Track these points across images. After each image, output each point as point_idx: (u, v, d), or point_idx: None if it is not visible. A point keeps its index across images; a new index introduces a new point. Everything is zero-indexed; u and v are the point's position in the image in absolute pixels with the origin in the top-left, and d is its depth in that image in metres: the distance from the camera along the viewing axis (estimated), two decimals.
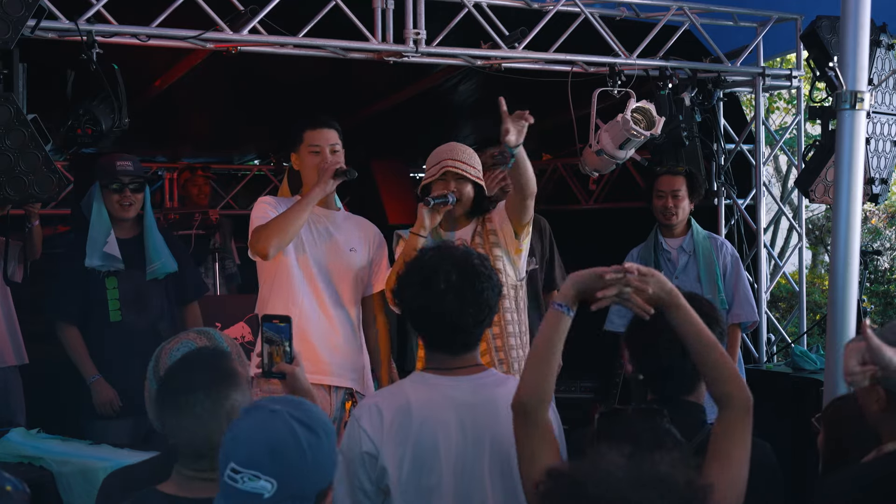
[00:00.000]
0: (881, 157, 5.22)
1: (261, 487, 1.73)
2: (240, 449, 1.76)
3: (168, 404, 2.06)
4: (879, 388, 2.28)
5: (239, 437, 1.79)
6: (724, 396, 2.15)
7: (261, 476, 1.73)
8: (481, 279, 2.39)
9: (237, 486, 1.74)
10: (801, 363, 5.42)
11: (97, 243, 4.55)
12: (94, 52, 4.03)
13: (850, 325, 3.63)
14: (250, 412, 1.83)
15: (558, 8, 5.02)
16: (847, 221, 3.62)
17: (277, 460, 1.75)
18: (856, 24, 3.54)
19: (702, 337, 2.16)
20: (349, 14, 4.54)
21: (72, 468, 3.68)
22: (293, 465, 1.76)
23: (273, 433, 1.77)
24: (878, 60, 5.07)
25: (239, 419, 1.83)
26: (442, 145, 3.93)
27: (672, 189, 4.93)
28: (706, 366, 2.17)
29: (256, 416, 1.80)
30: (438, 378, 2.43)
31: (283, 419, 1.78)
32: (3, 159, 3.77)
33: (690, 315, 2.17)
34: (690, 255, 4.97)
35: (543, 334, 2.22)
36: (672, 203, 4.93)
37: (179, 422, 2.03)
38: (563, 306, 2.19)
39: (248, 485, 1.73)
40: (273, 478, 1.74)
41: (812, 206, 10.52)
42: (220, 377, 2.08)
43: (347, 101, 6.47)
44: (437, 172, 3.81)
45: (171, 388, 2.08)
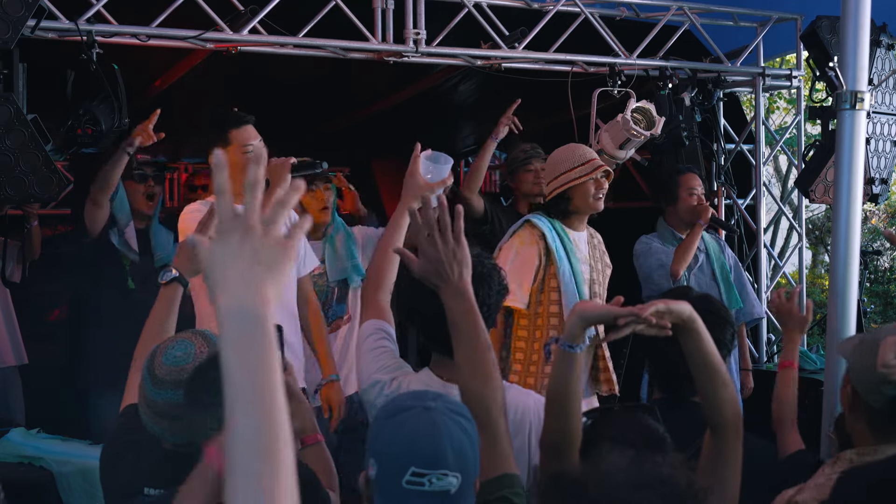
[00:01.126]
0: (881, 157, 5.22)
1: (448, 484, 1.76)
2: (420, 451, 1.76)
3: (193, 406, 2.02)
4: (849, 387, 2.25)
5: (409, 440, 1.78)
6: (719, 424, 2.14)
7: (448, 473, 1.76)
8: (479, 277, 2.35)
9: (424, 488, 1.75)
10: (801, 363, 5.41)
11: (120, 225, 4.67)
12: (94, 52, 4.04)
13: (850, 325, 3.62)
14: (405, 413, 1.82)
15: (558, 8, 5.02)
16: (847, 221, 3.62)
17: (458, 454, 1.78)
18: (856, 24, 3.54)
19: (712, 362, 2.12)
20: (349, 14, 4.54)
21: (72, 468, 3.68)
22: (469, 455, 1.81)
23: (448, 429, 1.79)
24: (878, 60, 5.07)
25: (391, 422, 1.82)
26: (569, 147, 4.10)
27: (700, 187, 5.01)
28: (708, 391, 2.14)
29: (419, 417, 1.80)
30: (438, 383, 2.39)
31: (445, 414, 1.81)
32: (3, 159, 3.77)
33: (705, 341, 2.11)
34: (703, 252, 4.99)
35: (557, 379, 2.13)
36: (699, 200, 4.99)
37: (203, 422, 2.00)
38: (574, 347, 2.11)
39: (437, 484, 1.76)
40: (458, 472, 1.77)
41: (812, 206, 10.52)
42: None
43: (347, 101, 6.47)
44: (591, 172, 3.94)
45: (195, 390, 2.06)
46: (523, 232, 3.98)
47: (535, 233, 3.95)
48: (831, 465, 2.23)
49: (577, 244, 4.03)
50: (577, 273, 3.96)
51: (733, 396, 2.16)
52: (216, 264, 1.18)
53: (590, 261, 4.06)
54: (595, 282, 4.06)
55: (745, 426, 2.24)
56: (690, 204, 4.96)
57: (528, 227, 3.97)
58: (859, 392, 2.19)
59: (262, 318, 1.15)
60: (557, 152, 4.08)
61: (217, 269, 1.18)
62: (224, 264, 1.17)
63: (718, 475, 2.07)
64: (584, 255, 4.04)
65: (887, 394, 2.13)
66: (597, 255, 4.12)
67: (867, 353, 2.19)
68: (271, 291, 1.18)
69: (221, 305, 1.16)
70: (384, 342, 2.51)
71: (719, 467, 2.08)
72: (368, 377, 2.44)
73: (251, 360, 1.14)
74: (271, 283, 1.18)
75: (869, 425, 2.20)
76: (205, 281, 1.21)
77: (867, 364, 2.18)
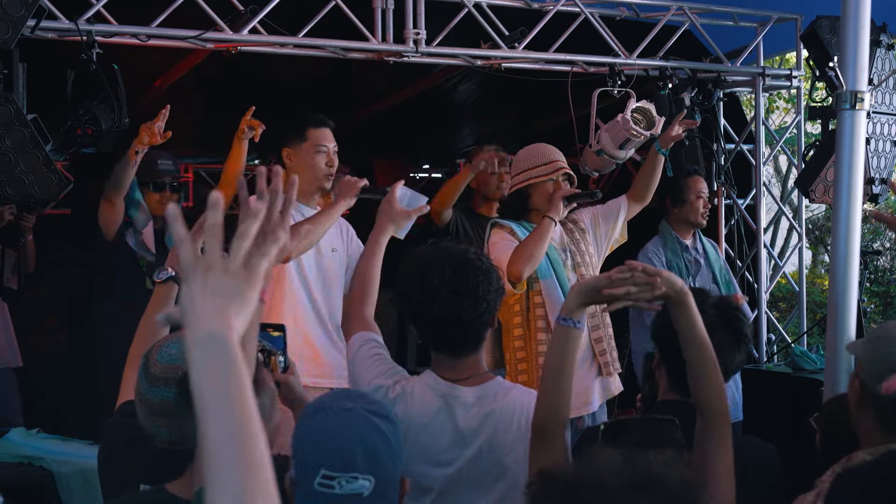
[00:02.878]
0: (881, 157, 5.22)
1: (360, 487, 1.72)
2: (330, 453, 1.74)
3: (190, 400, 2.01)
4: (857, 381, 2.26)
5: (323, 440, 1.76)
6: (705, 404, 2.13)
7: (359, 476, 1.72)
8: (476, 274, 2.36)
9: (334, 491, 1.72)
10: (801, 363, 5.42)
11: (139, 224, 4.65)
12: (94, 52, 4.03)
13: (850, 325, 3.63)
14: (321, 414, 1.79)
15: (558, 8, 5.01)
16: (847, 221, 3.62)
17: (371, 457, 1.74)
18: (856, 24, 3.54)
19: (702, 340, 2.13)
20: (349, 14, 4.53)
21: (72, 468, 3.68)
22: (384, 458, 1.76)
23: (360, 431, 1.76)
24: (878, 60, 5.07)
25: (309, 423, 1.79)
26: (537, 146, 4.17)
27: (705, 190, 5.08)
28: (697, 369, 2.14)
29: (334, 418, 1.77)
30: (444, 385, 2.40)
31: (362, 415, 1.78)
32: (3, 159, 3.76)
33: (695, 317, 2.13)
34: (704, 256, 5.04)
35: (554, 351, 2.17)
36: (705, 204, 5.06)
37: None
38: (569, 320, 2.13)
39: (347, 487, 1.72)
40: (370, 475, 1.73)
41: (812, 206, 10.52)
42: None
43: (347, 101, 6.47)
44: (551, 173, 4.04)
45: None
46: (495, 233, 4.10)
47: (504, 230, 4.08)
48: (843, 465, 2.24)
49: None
50: (555, 261, 4.05)
51: (723, 383, 2.16)
52: (186, 304, 1.26)
53: (569, 245, 4.14)
54: (581, 265, 4.13)
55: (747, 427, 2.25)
56: (695, 206, 5.01)
57: (497, 228, 4.12)
58: (867, 384, 2.21)
59: (227, 340, 1.22)
60: (523, 150, 4.21)
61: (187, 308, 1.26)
62: (192, 302, 1.26)
63: (713, 467, 2.07)
64: (558, 242, 4.12)
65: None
66: (576, 237, 4.18)
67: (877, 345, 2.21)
68: (236, 319, 1.25)
69: (189, 339, 1.23)
70: (378, 350, 2.53)
71: (713, 459, 2.08)
72: (369, 382, 2.44)
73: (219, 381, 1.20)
74: (235, 311, 1.26)
75: (877, 419, 2.22)
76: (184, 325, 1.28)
77: (876, 355, 2.20)
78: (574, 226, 4.20)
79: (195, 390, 1.21)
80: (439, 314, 2.36)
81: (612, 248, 4.37)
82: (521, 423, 2.35)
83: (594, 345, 4.10)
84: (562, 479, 1.30)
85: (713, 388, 2.12)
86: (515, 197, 4.12)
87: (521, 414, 2.36)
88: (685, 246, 5.06)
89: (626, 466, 1.28)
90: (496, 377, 2.51)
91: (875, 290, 10.34)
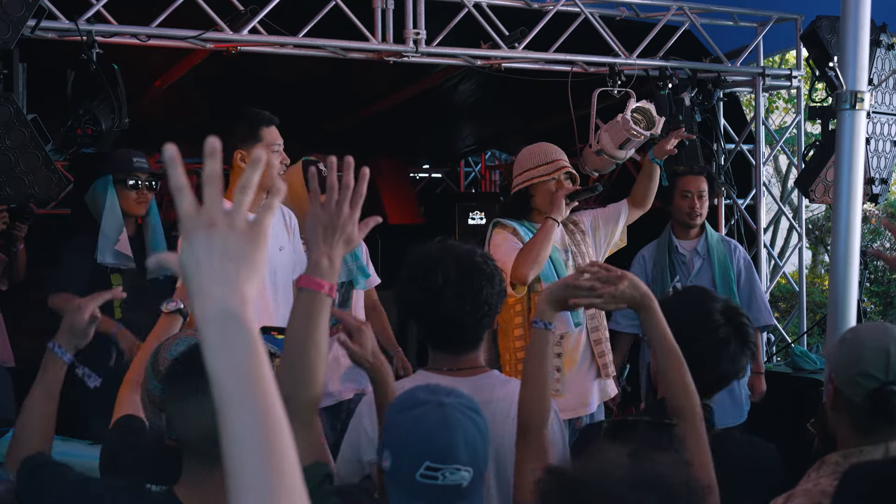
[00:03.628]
0: (881, 157, 5.22)
1: (460, 478, 1.82)
2: (433, 446, 1.81)
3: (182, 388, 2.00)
4: (831, 386, 2.25)
5: (424, 435, 1.82)
6: (677, 407, 2.17)
7: (461, 468, 1.81)
8: (481, 277, 2.38)
9: (437, 482, 1.80)
10: (801, 363, 5.42)
11: (109, 240, 4.43)
12: (94, 52, 4.03)
13: (850, 325, 3.63)
14: (419, 408, 1.86)
15: (558, 8, 5.02)
16: (847, 221, 3.62)
17: (470, 449, 1.83)
18: (856, 24, 3.54)
19: (667, 344, 2.19)
20: (349, 14, 4.54)
21: None
22: (480, 449, 1.86)
23: (460, 426, 1.83)
24: (878, 60, 5.07)
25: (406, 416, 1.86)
26: (539, 146, 4.14)
27: (698, 189, 4.93)
28: (673, 375, 2.19)
29: (433, 413, 1.84)
30: (439, 377, 2.42)
31: (458, 410, 1.86)
32: (3, 159, 3.77)
33: (660, 322, 2.19)
34: (705, 258, 4.94)
35: (532, 354, 2.26)
36: (698, 203, 4.93)
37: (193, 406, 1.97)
38: (541, 322, 2.24)
39: (450, 479, 1.81)
40: (469, 466, 1.82)
41: (812, 206, 10.52)
42: None
43: (347, 101, 6.47)
44: (553, 172, 4.02)
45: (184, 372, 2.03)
46: (497, 233, 4.04)
47: (507, 230, 4.04)
48: (816, 469, 2.23)
49: None
50: (557, 262, 4.04)
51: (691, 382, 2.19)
52: (188, 267, 1.15)
53: (570, 246, 4.14)
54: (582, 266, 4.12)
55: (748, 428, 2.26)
56: (682, 206, 4.93)
57: (500, 228, 4.06)
58: (840, 388, 2.20)
59: (243, 317, 1.12)
60: (525, 150, 4.18)
61: (190, 272, 1.14)
62: (197, 264, 1.14)
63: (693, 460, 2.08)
64: (560, 242, 4.11)
65: (866, 386, 2.14)
66: (577, 238, 4.18)
67: (847, 349, 2.21)
68: (248, 289, 1.14)
69: (199, 311, 1.13)
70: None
71: (694, 452, 2.09)
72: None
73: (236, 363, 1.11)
74: (247, 280, 1.14)
75: (851, 423, 2.20)
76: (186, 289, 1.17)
77: (847, 359, 2.20)
78: (575, 227, 4.20)
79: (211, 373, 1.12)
80: (441, 314, 2.37)
81: (610, 252, 4.35)
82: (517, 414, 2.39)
83: (593, 346, 4.09)
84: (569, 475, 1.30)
85: (683, 389, 2.18)
86: (517, 197, 4.10)
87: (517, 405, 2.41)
88: (675, 246, 4.99)
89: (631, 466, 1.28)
90: (492, 370, 2.53)
91: (875, 290, 10.34)
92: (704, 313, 2.41)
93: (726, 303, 2.49)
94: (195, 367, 2.03)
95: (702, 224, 5.02)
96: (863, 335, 2.25)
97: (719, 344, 2.38)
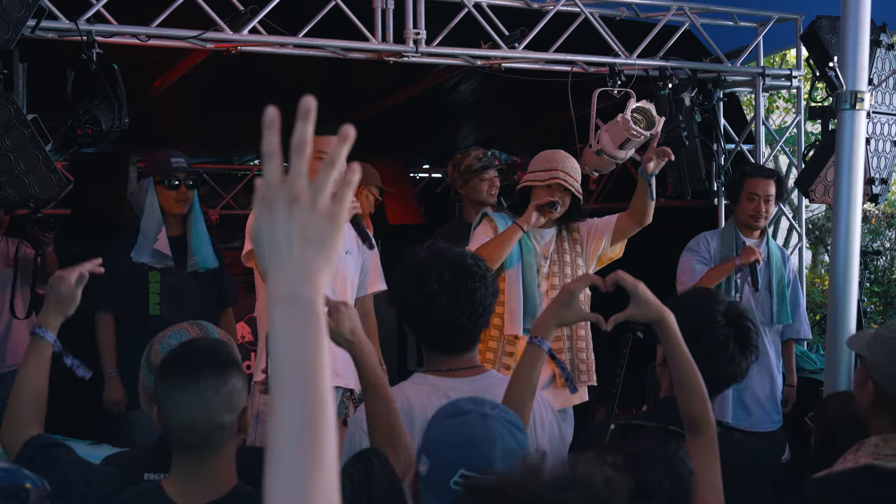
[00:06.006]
0: (881, 157, 5.22)
1: None
2: (472, 456, 1.81)
3: (173, 380, 2.04)
4: (870, 383, 2.30)
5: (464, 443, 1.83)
6: (695, 419, 2.18)
7: None
8: (474, 279, 2.41)
9: None
10: (801, 363, 5.42)
11: (148, 239, 4.58)
12: (94, 52, 4.03)
13: (850, 325, 3.63)
14: (462, 416, 1.87)
15: (558, 8, 5.01)
16: (847, 221, 3.63)
17: (508, 461, 1.83)
18: (856, 24, 3.55)
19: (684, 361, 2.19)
20: (349, 14, 4.53)
21: None
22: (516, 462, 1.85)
23: (501, 438, 1.84)
24: (878, 60, 5.07)
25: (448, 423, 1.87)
26: (549, 151, 4.20)
27: (766, 193, 4.89)
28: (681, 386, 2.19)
29: (476, 423, 1.85)
30: (438, 379, 2.43)
31: (500, 423, 1.87)
32: (3, 159, 3.77)
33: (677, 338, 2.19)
34: (765, 260, 4.90)
35: (524, 369, 2.28)
36: (764, 207, 4.89)
37: (182, 398, 2.00)
38: (543, 342, 2.26)
39: None
40: None
41: (812, 206, 10.51)
42: (223, 360, 2.08)
43: (347, 101, 6.47)
44: (547, 180, 4.07)
45: (176, 365, 2.07)
46: (481, 225, 4.20)
47: (490, 224, 4.15)
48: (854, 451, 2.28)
49: (538, 239, 4.17)
50: (528, 266, 4.10)
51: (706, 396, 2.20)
52: (265, 238, 1.12)
53: (553, 254, 4.18)
54: (554, 274, 4.15)
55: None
56: (747, 208, 4.89)
57: (486, 220, 4.20)
58: (882, 386, 2.25)
59: (315, 307, 1.10)
60: (541, 153, 4.26)
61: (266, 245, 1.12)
62: (275, 241, 1.11)
63: (704, 478, 2.08)
64: (542, 249, 4.16)
65: None
66: (566, 247, 4.20)
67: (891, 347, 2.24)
68: (324, 277, 1.12)
69: (273, 290, 1.11)
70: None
71: (705, 471, 2.09)
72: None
73: (300, 352, 1.09)
74: (324, 267, 1.12)
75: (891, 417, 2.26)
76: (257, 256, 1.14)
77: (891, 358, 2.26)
78: (568, 235, 4.24)
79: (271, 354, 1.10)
80: (436, 317, 2.39)
81: (602, 264, 4.34)
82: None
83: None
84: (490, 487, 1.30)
85: (698, 403, 2.18)
86: (521, 194, 4.21)
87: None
88: (743, 242, 4.92)
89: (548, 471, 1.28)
90: (490, 370, 2.55)
91: (875, 290, 10.33)
92: (707, 314, 2.41)
93: (731, 305, 2.49)
94: (185, 361, 2.06)
95: (764, 227, 5.00)
96: None
97: (717, 345, 2.37)
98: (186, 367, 2.04)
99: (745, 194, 4.92)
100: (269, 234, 1.12)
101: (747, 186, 4.92)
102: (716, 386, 2.47)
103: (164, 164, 4.63)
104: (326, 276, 1.13)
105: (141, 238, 4.56)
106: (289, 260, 1.11)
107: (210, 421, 1.99)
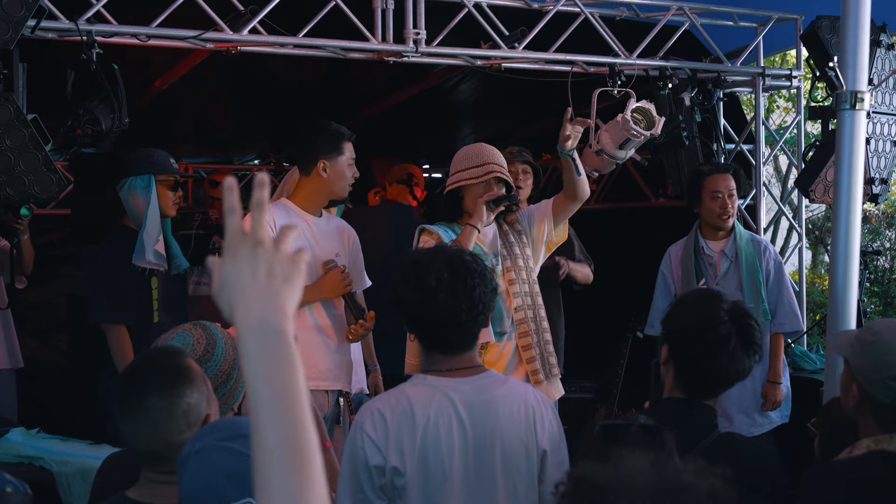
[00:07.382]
0: (881, 157, 5.22)
1: None
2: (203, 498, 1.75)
3: (124, 409, 2.01)
4: (854, 386, 2.31)
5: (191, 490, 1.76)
6: None
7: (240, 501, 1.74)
8: (473, 276, 2.42)
9: None
10: (801, 363, 5.42)
11: (152, 240, 4.40)
12: (94, 52, 4.03)
13: (850, 325, 3.63)
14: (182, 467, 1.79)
15: (558, 8, 5.01)
16: (847, 221, 3.63)
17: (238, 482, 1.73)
18: (856, 24, 3.55)
19: None
20: (349, 14, 4.53)
21: (71, 468, 3.68)
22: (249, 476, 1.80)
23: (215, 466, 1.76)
24: (878, 60, 5.07)
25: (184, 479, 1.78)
26: (472, 147, 4.03)
27: (728, 189, 4.83)
28: None
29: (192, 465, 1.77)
30: (439, 380, 2.43)
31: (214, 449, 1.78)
32: (3, 159, 3.77)
33: None
34: (733, 260, 4.84)
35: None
36: (729, 203, 4.82)
37: (135, 428, 1.99)
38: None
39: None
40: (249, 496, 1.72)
41: (812, 206, 10.52)
42: (173, 378, 2.02)
43: (347, 101, 6.47)
44: (483, 175, 3.89)
45: (125, 392, 2.03)
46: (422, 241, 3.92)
47: (433, 236, 3.91)
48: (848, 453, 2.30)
49: (481, 240, 3.93)
50: None
51: None
52: (229, 281, 1.19)
53: (500, 250, 3.96)
54: (511, 269, 3.94)
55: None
56: (712, 207, 4.82)
57: (426, 234, 3.94)
58: (866, 389, 2.23)
59: (284, 331, 1.16)
60: (461, 150, 4.06)
61: (231, 285, 1.18)
62: (239, 280, 1.18)
63: None
64: (489, 246, 3.95)
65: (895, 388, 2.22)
66: (510, 240, 3.99)
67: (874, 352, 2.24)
68: (291, 307, 1.18)
69: (241, 322, 1.17)
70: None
71: None
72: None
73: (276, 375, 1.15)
74: (291, 298, 1.18)
75: (877, 419, 2.27)
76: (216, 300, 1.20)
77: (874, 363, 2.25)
78: (510, 227, 4.04)
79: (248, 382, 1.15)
80: (435, 316, 2.40)
81: (549, 250, 4.15)
82: (520, 410, 2.44)
83: (522, 352, 3.90)
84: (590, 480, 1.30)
85: None
86: (448, 198, 3.99)
87: (520, 402, 2.45)
88: (701, 248, 4.88)
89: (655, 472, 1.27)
90: (490, 370, 2.55)
91: (875, 290, 10.34)
92: (710, 311, 2.41)
93: (735, 304, 2.49)
94: (133, 389, 2.01)
95: (731, 224, 4.90)
96: (888, 338, 2.28)
97: (718, 341, 2.37)
98: (135, 394, 2.01)
99: (708, 194, 4.86)
100: (234, 274, 1.18)
101: (707, 185, 4.86)
102: (719, 384, 2.47)
103: (167, 165, 4.53)
104: (293, 307, 1.19)
105: (145, 239, 4.37)
106: (253, 292, 1.17)
107: (168, 445, 1.96)
